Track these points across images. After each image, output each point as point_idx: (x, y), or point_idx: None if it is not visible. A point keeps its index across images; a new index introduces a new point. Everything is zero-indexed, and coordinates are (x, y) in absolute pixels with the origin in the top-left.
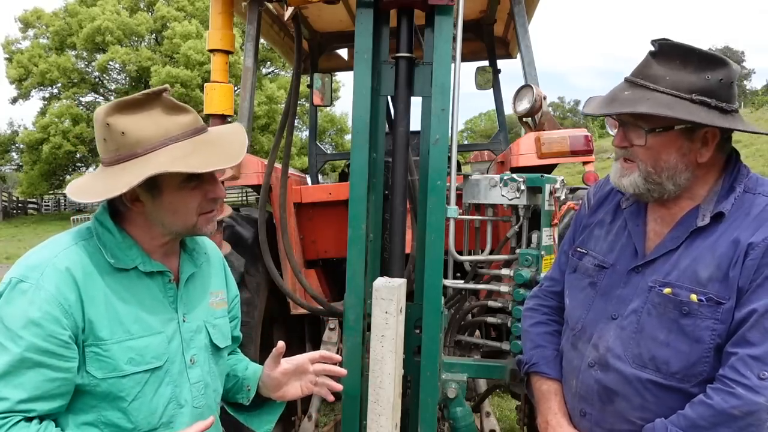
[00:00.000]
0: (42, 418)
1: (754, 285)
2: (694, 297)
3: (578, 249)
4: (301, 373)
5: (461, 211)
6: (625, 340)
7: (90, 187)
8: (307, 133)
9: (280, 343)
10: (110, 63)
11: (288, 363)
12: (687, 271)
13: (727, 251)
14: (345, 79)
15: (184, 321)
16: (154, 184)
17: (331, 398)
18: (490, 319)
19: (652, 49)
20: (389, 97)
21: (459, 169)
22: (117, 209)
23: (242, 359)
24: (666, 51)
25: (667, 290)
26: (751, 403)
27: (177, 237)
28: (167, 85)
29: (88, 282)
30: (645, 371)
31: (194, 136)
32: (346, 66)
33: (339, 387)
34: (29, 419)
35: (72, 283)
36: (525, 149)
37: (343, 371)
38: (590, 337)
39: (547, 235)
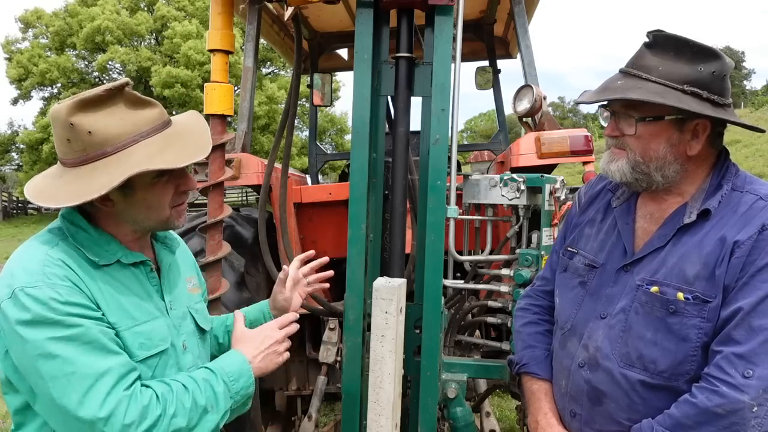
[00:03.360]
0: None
1: (740, 283)
2: (680, 295)
3: (569, 248)
4: (297, 282)
5: (461, 211)
6: (613, 339)
7: (57, 190)
8: (307, 133)
9: (284, 268)
10: (110, 63)
11: (288, 281)
12: (674, 269)
13: (714, 249)
14: (345, 79)
15: (171, 308)
16: (126, 182)
17: (326, 286)
18: (490, 319)
19: (647, 40)
20: (389, 97)
21: (459, 169)
22: (83, 209)
23: (227, 315)
24: (660, 42)
25: (654, 288)
26: (735, 402)
27: (147, 231)
28: (128, 79)
29: (85, 276)
30: (633, 370)
31: (163, 130)
32: (346, 66)
33: (330, 274)
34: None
35: (75, 275)
36: (525, 149)
37: (325, 260)
38: (580, 337)
39: (547, 235)
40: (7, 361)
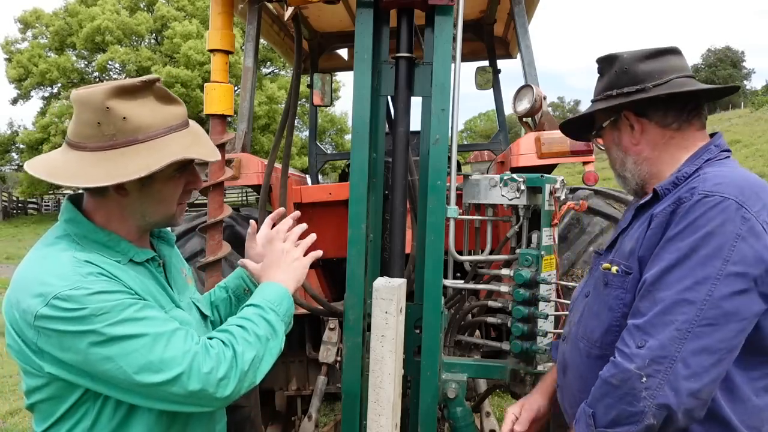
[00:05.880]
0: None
1: (652, 256)
2: (614, 269)
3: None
4: (270, 240)
5: (461, 211)
6: (582, 314)
7: (79, 171)
8: (307, 133)
9: (251, 222)
10: (110, 63)
11: (259, 239)
12: (622, 246)
13: (642, 224)
14: (345, 79)
15: (180, 301)
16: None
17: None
18: (490, 319)
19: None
20: (389, 97)
21: (459, 169)
22: (80, 206)
23: (210, 292)
24: (599, 67)
25: (604, 266)
26: (623, 371)
27: (149, 228)
28: (159, 76)
29: (115, 271)
30: (582, 341)
31: (186, 128)
32: (346, 66)
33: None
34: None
35: (106, 272)
36: (525, 149)
37: (296, 214)
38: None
39: (547, 235)
40: (55, 365)
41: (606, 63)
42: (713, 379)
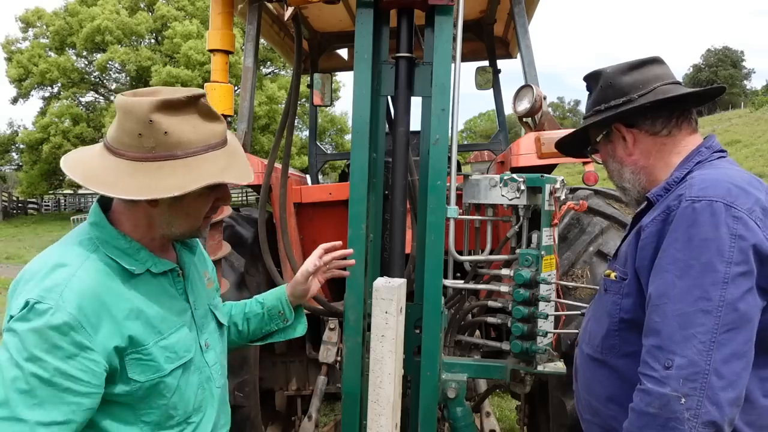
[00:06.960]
0: None
1: (648, 267)
2: (613, 275)
3: None
4: (317, 270)
5: (461, 211)
6: (588, 320)
7: (116, 179)
8: (307, 133)
9: (315, 263)
10: (110, 63)
11: (309, 267)
12: (620, 253)
13: (635, 233)
14: (345, 79)
15: (195, 309)
16: None
17: (347, 273)
18: (490, 319)
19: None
20: (389, 97)
21: (459, 169)
22: (108, 208)
23: (246, 302)
24: (587, 85)
25: (605, 272)
26: (659, 396)
27: (174, 239)
28: (204, 90)
29: (114, 296)
30: (585, 346)
31: (224, 146)
32: (346, 66)
33: (350, 262)
34: None
35: (97, 303)
36: (525, 149)
37: (349, 251)
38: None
39: (547, 235)
40: None
41: (592, 80)
42: (745, 382)
